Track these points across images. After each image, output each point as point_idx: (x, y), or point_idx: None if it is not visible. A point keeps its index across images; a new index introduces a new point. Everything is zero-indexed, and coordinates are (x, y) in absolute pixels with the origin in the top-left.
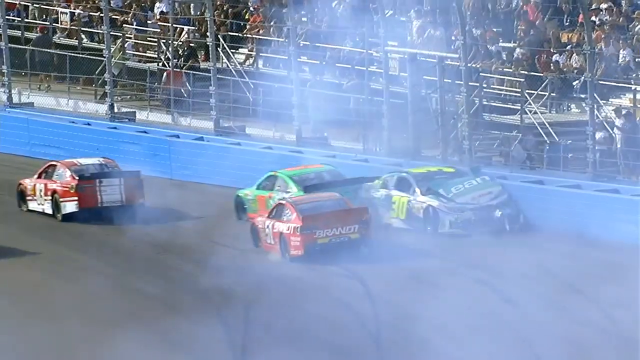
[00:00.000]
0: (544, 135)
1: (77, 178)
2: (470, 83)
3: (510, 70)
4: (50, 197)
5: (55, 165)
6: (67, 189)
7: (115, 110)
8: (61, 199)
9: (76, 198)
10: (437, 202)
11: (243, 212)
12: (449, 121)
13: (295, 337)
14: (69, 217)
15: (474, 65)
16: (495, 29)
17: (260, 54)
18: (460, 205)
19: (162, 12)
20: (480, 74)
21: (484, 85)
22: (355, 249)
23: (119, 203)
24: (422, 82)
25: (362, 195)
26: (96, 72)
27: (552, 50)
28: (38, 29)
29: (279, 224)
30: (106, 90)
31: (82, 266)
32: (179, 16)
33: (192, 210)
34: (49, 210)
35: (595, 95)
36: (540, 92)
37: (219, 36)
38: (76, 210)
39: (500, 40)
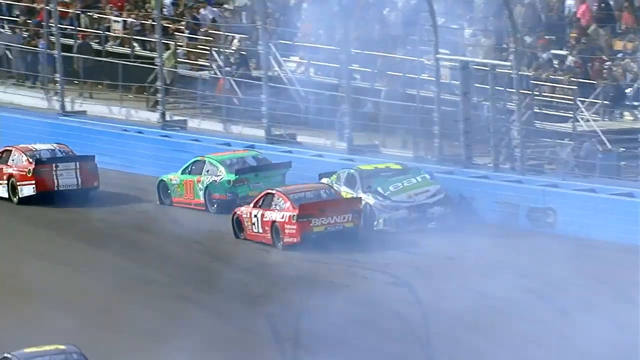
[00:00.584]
0: (596, 143)
1: (34, 162)
2: (521, 91)
3: (562, 77)
4: (6, 181)
5: (10, 151)
6: (24, 173)
7: (167, 118)
8: (18, 183)
9: (33, 182)
10: (373, 200)
11: (166, 197)
12: (500, 129)
13: (342, 344)
14: (25, 201)
15: (525, 73)
16: (547, 37)
17: (312, 62)
18: (395, 203)
19: (213, 20)
20: (532, 81)
21: (536, 93)
22: (351, 237)
23: (75, 187)
24: (473, 89)
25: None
26: (148, 80)
27: (604, 57)
28: (79, 36)
29: (271, 212)
30: (158, 99)
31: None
32: (230, 24)
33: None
34: (4, 194)
35: None
36: (592, 100)
37: (270, 44)
38: (33, 193)
39: (552, 48)
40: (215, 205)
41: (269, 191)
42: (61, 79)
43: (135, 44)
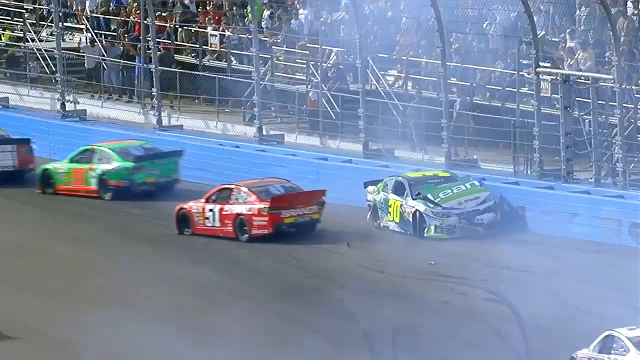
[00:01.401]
0: None
1: None
2: (624, 104)
3: None
4: None
5: None
6: None
7: (264, 132)
8: None
9: None
10: (423, 207)
11: (49, 186)
12: (602, 143)
13: None
14: None
15: (628, 87)
16: None
17: (410, 75)
18: (445, 210)
19: (310, 34)
20: (635, 95)
21: (639, 107)
22: (312, 228)
23: (12, 168)
24: (574, 103)
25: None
26: (245, 95)
27: None
28: (161, 47)
29: (232, 206)
30: (255, 113)
31: None
32: (328, 38)
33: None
34: None
35: None
36: None
37: (368, 58)
38: None
39: None
40: (110, 193)
41: (226, 186)
42: (158, 93)
43: (232, 58)
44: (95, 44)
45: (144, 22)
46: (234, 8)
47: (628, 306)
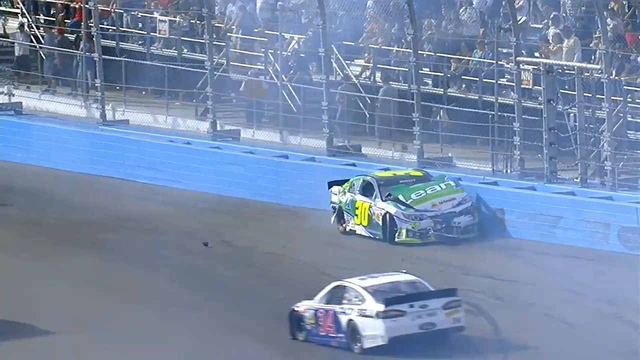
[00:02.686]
0: None
1: None
2: (613, 97)
3: None
4: None
5: None
6: None
7: (218, 127)
8: None
9: None
10: (394, 209)
11: None
12: (588, 140)
13: None
14: None
15: (617, 78)
16: None
17: (378, 65)
18: (418, 212)
19: (268, 20)
20: (625, 87)
21: (629, 100)
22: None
23: None
24: (558, 96)
25: None
26: (197, 86)
27: None
28: (84, 34)
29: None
30: (208, 106)
31: None
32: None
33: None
34: None
35: None
36: None
37: (332, 45)
38: None
39: None
40: None
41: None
42: (101, 84)
43: (182, 46)
44: (25, 29)
45: (86, 6)
46: None
47: (618, 318)
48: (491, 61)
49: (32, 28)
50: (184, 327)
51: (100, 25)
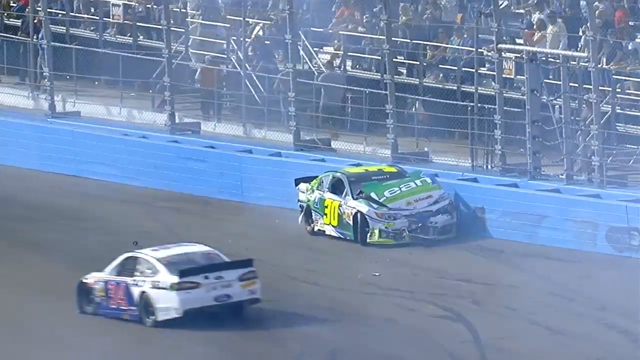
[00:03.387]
0: None
1: None
2: (601, 87)
3: None
4: None
5: None
6: None
7: (177, 120)
8: None
9: None
10: (366, 208)
11: None
12: (575, 133)
13: None
14: None
15: (606, 67)
16: (632, 23)
17: (349, 53)
18: (392, 211)
19: (230, 4)
20: (614, 76)
21: (618, 90)
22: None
23: None
24: (542, 86)
25: None
26: (154, 76)
27: None
28: (36, 20)
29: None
30: (165, 97)
31: None
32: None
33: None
34: None
35: None
36: None
37: (299, 32)
38: None
39: (639, 36)
40: None
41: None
42: (50, 74)
43: (138, 32)
44: None
45: None
46: None
47: (606, 324)
48: (470, 49)
49: None
50: (135, 335)
51: (49, 10)
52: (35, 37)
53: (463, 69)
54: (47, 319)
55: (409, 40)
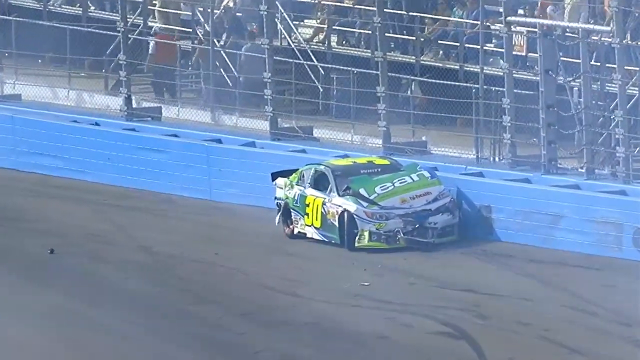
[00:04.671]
0: None
1: None
2: (626, 67)
3: None
4: None
5: None
6: None
7: (134, 105)
8: None
9: None
10: (354, 206)
11: None
12: (596, 120)
13: None
14: None
15: (632, 43)
16: None
17: (334, 27)
18: (385, 210)
19: None
20: None
21: None
22: None
23: None
24: (559, 65)
25: None
26: (107, 53)
27: None
28: None
29: None
30: (121, 78)
31: None
32: None
33: None
34: None
35: None
36: None
37: (276, 2)
38: None
39: None
40: None
41: None
42: None
43: (89, 2)
44: None
45: None
46: None
47: (634, 342)
48: (475, 22)
49: None
50: (88, 356)
51: None
52: None
53: (466, 45)
54: None
55: (403, 12)
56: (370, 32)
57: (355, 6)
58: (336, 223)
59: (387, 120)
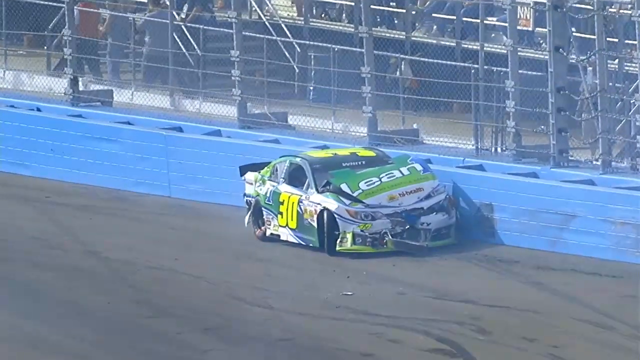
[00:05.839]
0: None
1: None
2: None
3: None
4: None
5: None
6: None
7: (81, 87)
8: None
9: None
10: (335, 204)
11: None
12: (614, 105)
13: None
14: None
15: None
16: None
17: None
18: (370, 209)
19: None
20: None
21: None
22: None
23: None
24: (571, 42)
25: None
26: (49, 27)
27: None
28: None
29: None
30: (66, 56)
31: None
32: None
33: None
34: None
35: None
36: None
37: None
38: None
39: None
40: None
41: None
42: None
43: None
44: None
45: None
46: None
47: None
48: None
49: None
50: None
51: None
52: None
53: (464, 19)
54: None
55: None
56: (353, 3)
57: None
58: (314, 224)
59: (373, 105)
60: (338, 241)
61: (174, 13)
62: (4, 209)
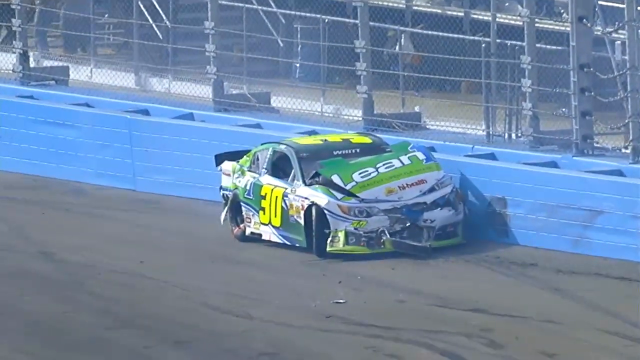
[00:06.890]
0: None
1: None
2: None
3: None
4: None
5: None
6: None
7: (32, 64)
8: None
9: None
10: (325, 199)
11: None
12: None
13: None
14: None
15: None
16: None
17: None
18: (365, 204)
19: None
20: None
21: None
22: None
23: None
24: (596, 12)
25: None
26: None
27: None
28: None
29: None
30: (15, 28)
31: None
32: None
33: None
34: None
35: None
36: None
37: None
38: None
39: None
40: None
41: None
42: None
43: None
44: None
45: None
46: None
47: None
48: None
49: None
50: None
51: None
52: None
53: None
54: None
55: None
56: None
57: None
58: (301, 221)
59: (368, 84)
60: (329, 241)
61: None
62: None
